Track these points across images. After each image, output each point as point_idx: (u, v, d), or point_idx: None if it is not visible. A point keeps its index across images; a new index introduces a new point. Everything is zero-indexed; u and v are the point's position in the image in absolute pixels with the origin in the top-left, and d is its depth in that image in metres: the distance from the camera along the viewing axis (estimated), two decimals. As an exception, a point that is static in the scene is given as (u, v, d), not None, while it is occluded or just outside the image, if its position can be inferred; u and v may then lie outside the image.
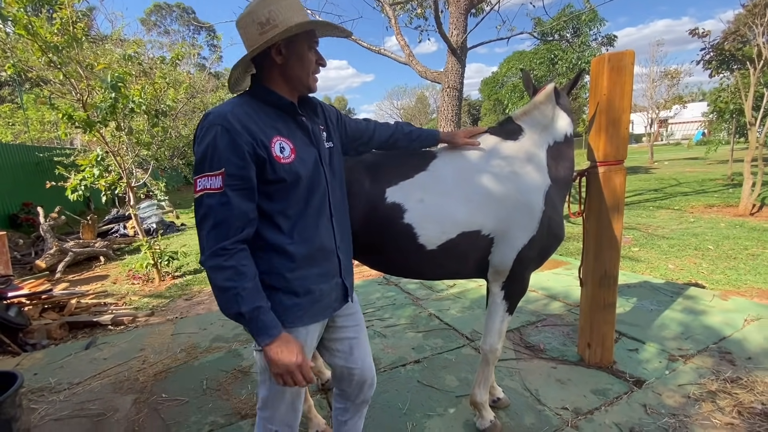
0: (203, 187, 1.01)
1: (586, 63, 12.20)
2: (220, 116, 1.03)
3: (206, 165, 1.01)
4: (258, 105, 1.12)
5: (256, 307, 1.01)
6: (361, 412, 1.48)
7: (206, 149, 1.01)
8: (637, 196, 9.85)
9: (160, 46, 25.85)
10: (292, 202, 1.11)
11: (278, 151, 1.07)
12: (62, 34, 4.30)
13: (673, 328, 2.81)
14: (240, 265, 1.01)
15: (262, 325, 1.02)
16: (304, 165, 1.13)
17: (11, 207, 8.71)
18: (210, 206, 1.00)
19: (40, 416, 2.29)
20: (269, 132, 1.08)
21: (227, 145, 1.00)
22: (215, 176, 1.00)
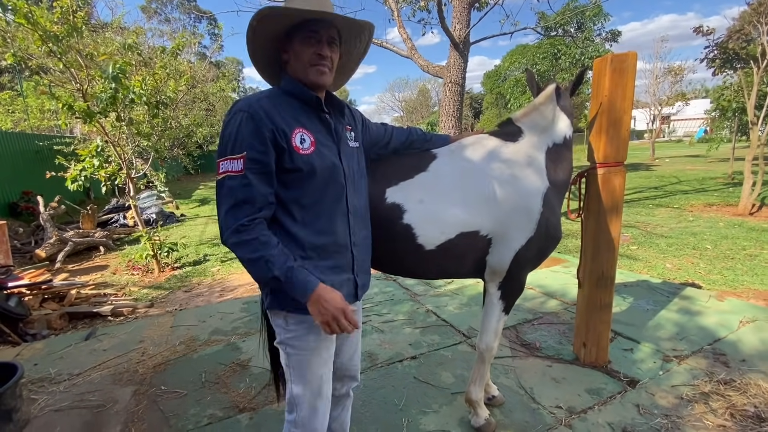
0: (225, 170, 1.06)
1: (589, 59, 12.10)
2: (246, 104, 1.09)
3: (229, 148, 1.07)
4: (285, 98, 1.17)
5: (288, 268, 1.05)
6: (344, 404, 1.51)
7: (230, 134, 1.07)
8: (637, 193, 9.85)
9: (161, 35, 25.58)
10: (307, 192, 1.15)
11: (298, 141, 1.12)
12: (62, 23, 4.27)
13: (669, 329, 2.83)
14: (261, 235, 1.06)
15: (298, 281, 1.06)
16: (321, 158, 1.16)
17: (11, 195, 8.70)
18: (231, 187, 1.05)
19: (40, 407, 2.31)
20: (292, 123, 1.13)
21: (251, 131, 1.06)
22: (237, 159, 1.05)
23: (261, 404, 2.24)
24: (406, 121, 44.91)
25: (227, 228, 1.06)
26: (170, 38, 23.54)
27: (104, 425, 2.16)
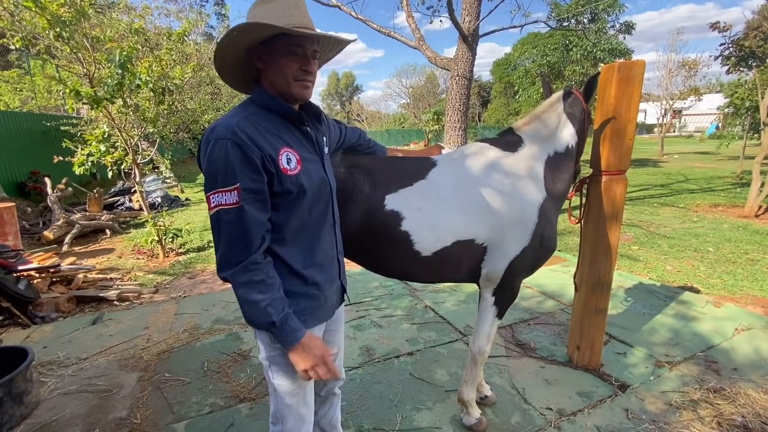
0: (218, 203, 1.01)
1: (601, 51, 11.87)
2: (227, 130, 1.01)
3: (219, 180, 1.01)
4: (262, 113, 1.11)
5: (285, 315, 1.05)
6: (331, 402, 1.53)
7: (217, 164, 1.01)
8: (643, 191, 9.78)
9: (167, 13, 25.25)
10: (297, 212, 1.13)
11: (285, 162, 1.08)
12: (69, 6, 4.25)
13: (663, 334, 2.87)
14: (268, 277, 1.04)
15: (290, 330, 1.06)
16: (308, 176, 1.14)
17: (19, 175, 8.80)
18: (228, 221, 1.01)
19: (50, 390, 2.41)
20: (276, 143, 1.08)
21: (240, 159, 1.00)
22: (230, 191, 1.00)
23: (261, 395, 2.32)
24: (414, 109, 44.44)
25: (232, 263, 1.01)
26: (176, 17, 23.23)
27: (111, 410, 2.25)
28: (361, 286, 3.86)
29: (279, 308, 1.05)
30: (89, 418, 2.17)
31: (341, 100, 57.06)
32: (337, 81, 57.98)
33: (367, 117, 47.83)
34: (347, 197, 1.63)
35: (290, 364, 1.17)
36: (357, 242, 1.68)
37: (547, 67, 13.25)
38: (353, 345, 2.83)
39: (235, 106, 1.15)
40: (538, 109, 1.85)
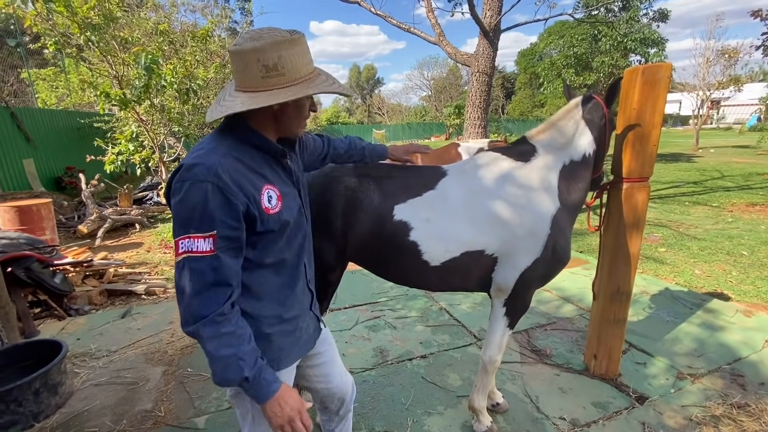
0: (188, 250, 0.92)
1: (632, 41, 11.33)
2: (209, 171, 0.93)
3: (193, 225, 0.92)
4: (243, 148, 1.03)
5: (259, 368, 0.98)
6: (347, 418, 1.53)
7: (193, 208, 0.92)
8: (674, 188, 9.37)
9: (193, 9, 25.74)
10: (276, 247, 1.09)
11: (267, 201, 1.03)
12: (98, 11, 4.41)
13: (687, 344, 2.77)
14: (238, 328, 0.97)
15: (266, 383, 0.99)
16: (289, 211, 1.10)
17: (56, 170, 9.27)
18: (198, 270, 0.92)
19: (82, 380, 2.56)
20: (258, 182, 1.02)
21: (220, 205, 0.92)
22: (204, 238, 0.92)
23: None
24: (435, 101, 43.90)
25: (197, 317, 0.93)
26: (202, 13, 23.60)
27: (137, 402, 2.38)
28: (376, 286, 3.88)
29: (251, 361, 0.97)
30: (117, 409, 2.30)
31: (362, 94, 56.97)
32: (358, 74, 57.89)
33: (388, 110, 47.62)
34: (357, 206, 1.65)
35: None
36: (367, 250, 1.70)
37: (574, 58, 12.80)
38: (367, 346, 2.87)
39: (208, 136, 1.06)
40: (554, 116, 1.81)
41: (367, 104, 52.19)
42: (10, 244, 3.42)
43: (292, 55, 0.98)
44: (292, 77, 0.99)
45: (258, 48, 0.95)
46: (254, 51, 0.95)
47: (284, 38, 0.96)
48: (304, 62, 1.01)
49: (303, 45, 1.01)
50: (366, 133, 33.83)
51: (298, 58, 0.99)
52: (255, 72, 0.97)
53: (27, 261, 3.37)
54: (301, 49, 1.00)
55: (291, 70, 0.98)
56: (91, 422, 2.18)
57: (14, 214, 4.76)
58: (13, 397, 2.02)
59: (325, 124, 34.31)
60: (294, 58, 0.98)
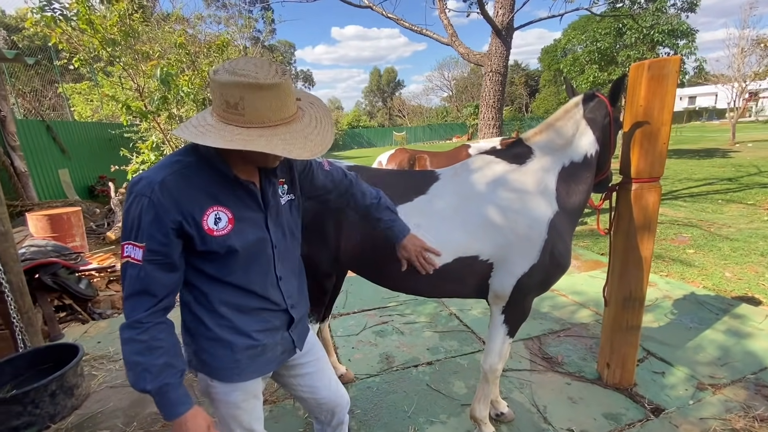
0: (128, 254, 0.98)
1: (659, 33, 10.84)
2: (149, 186, 0.97)
3: (132, 234, 0.98)
4: (201, 167, 1.04)
5: (163, 384, 0.97)
6: (340, 429, 1.50)
7: (132, 219, 0.98)
8: (707, 186, 8.89)
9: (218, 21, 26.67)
10: (228, 268, 1.09)
11: (212, 223, 1.03)
12: (120, 26, 4.63)
13: (710, 352, 2.61)
14: (153, 340, 0.98)
15: (170, 403, 0.99)
16: (242, 236, 1.08)
17: (90, 179, 9.78)
18: (131, 276, 0.98)
19: (99, 383, 2.67)
20: (204, 203, 1.03)
21: (151, 220, 0.97)
22: (138, 248, 0.97)
23: (281, 398, 2.41)
24: (456, 102, 43.52)
25: (125, 318, 0.99)
26: (226, 24, 24.38)
27: (148, 404, 2.45)
28: (386, 290, 3.85)
29: (157, 376, 0.97)
30: (129, 411, 2.38)
31: (383, 97, 57.19)
32: (379, 77, 58.16)
33: (409, 112, 47.57)
34: (349, 213, 1.65)
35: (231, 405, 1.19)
36: (360, 257, 1.70)
37: (598, 53, 12.38)
38: (373, 351, 2.86)
39: (175, 151, 1.09)
40: (552, 116, 1.75)
41: (388, 107, 52.33)
42: (38, 252, 3.62)
43: (255, 98, 0.93)
44: (251, 120, 0.95)
45: (223, 83, 0.93)
46: (219, 84, 0.94)
47: (249, 82, 0.91)
48: (271, 108, 0.95)
49: (275, 91, 0.94)
50: (386, 136, 33.93)
51: (262, 103, 0.94)
52: (219, 103, 0.96)
53: (53, 267, 3.55)
54: (270, 94, 0.94)
55: (251, 113, 0.94)
56: (103, 424, 2.27)
57: (46, 223, 5.03)
58: (30, 399, 2.12)
59: (346, 128, 34.67)
60: (257, 102, 0.94)
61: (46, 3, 4.29)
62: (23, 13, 18.93)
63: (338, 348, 2.91)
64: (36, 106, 11.13)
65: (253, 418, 1.25)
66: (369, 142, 33.79)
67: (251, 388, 1.22)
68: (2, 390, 2.33)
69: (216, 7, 34.71)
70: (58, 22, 4.21)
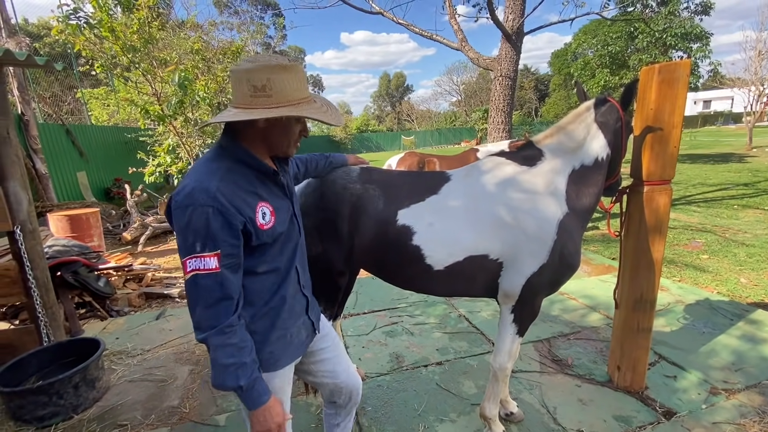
0: (195, 268, 1.00)
1: (672, 36, 10.75)
2: (208, 196, 1.01)
3: (198, 246, 1.00)
4: (237, 168, 1.11)
5: (253, 379, 1.07)
6: (351, 413, 1.59)
7: (197, 231, 1.00)
8: (722, 191, 8.75)
9: (230, 27, 27.16)
10: (269, 257, 1.17)
11: (261, 218, 1.10)
12: (140, 34, 4.78)
13: (724, 357, 2.59)
14: (241, 341, 1.06)
15: (257, 394, 1.08)
16: (282, 224, 1.18)
17: (106, 181, 10.02)
18: (206, 286, 1.01)
19: (118, 376, 2.75)
20: (252, 201, 1.10)
21: (221, 226, 1.01)
22: (210, 257, 1.00)
23: (294, 394, 2.43)
24: (465, 106, 43.49)
25: (207, 327, 1.02)
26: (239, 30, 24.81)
27: (165, 398, 2.52)
28: (396, 291, 3.90)
29: (248, 372, 1.06)
30: (148, 405, 2.46)
31: (391, 101, 57.44)
32: (388, 82, 58.45)
33: (417, 117, 47.69)
34: (363, 212, 1.70)
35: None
36: (373, 255, 1.74)
37: (609, 57, 12.31)
38: (383, 351, 2.89)
39: (203, 157, 1.13)
40: (563, 120, 1.78)
41: (397, 111, 52.53)
42: (60, 250, 3.74)
43: (280, 79, 1.04)
44: (279, 100, 1.04)
45: (249, 69, 1.03)
46: (246, 72, 1.04)
47: (275, 64, 1.03)
48: (293, 88, 1.06)
49: (295, 73, 1.06)
50: (395, 140, 34.04)
51: (286, 84, 1.05)
52: (245, 90, 1.04)
53: (75, 265, 3.67)
54: (291, 76, 1.06)
55: (278, 92, 1.04)
56: (123, 416, 2.34)
57: (66, 223, 5.19)
58: (56, 390, 2.21)
59: (355, 132, 34.88)
60: (282, 83, 1.04)
61: (72, 12, 4.46)
62: (45, 22, 19.55)
63: (349, 347, 2.95)
64: (55, 110, 11.46)
65: (287, 404, 1.33)
66: (377, 146, 33.94)
67: (288, 372, 1.30)
68: (28, 381, 2.42)
69: (228, 13, 35.41)
70: (82, 30, 4.38)
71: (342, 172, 1.80)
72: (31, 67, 2.74)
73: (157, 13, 5.11)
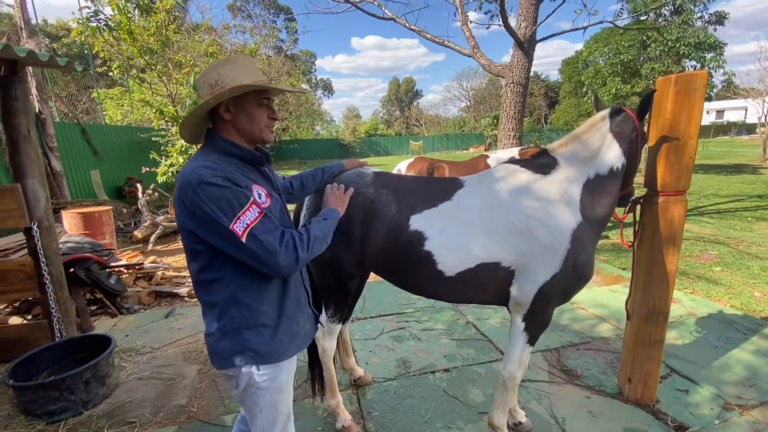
0: (246, 224, 1.08)
1: (685, 45, 10.66)
2: (211, 173, 1.09)
3: (235, 208, 1.08)
4: (226, 159, 1.18)
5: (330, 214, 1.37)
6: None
7: (222, 199, 1.07)
8: (735, 202, 8.63)
9: (243, 31, 27.53)
10: None
11: (258, 197, 1.17)
12: (157, 36, 4.87)
13: (737, 372, 2.54)
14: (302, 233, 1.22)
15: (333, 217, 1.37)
16: (276, 209, 1.26)
17: (118, 180, 10.17)
18: (267, 229, 1.11)
19: (127, 374, 2.78)
20: (248, 182, 1.18)
21: (237, 185, 1.10)
22: (249, 209, 1.09)
23: (299, 397, 2.46)
24: (474, 112, 43.48)
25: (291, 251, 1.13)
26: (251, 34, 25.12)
27: (173, 396, 2.54)
28: (403, 296, 3.90)
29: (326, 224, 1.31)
30: (156, 403, 2.48)
31: (401, 106, 57.60)
32: (398, 87, 58.66)
33: (426, 122, 47.75)
34: (375, 216, 1.71)
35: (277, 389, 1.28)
36: (384, 260, 1.75)
37: (621, 65, 12.23)
38: (390, 356, 2.88)
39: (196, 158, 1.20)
40: (578, 129, 1.78)
41: (405, 116, 52.66)
42: (74, 247, 3.80)
43: (229, 71, 1.18)
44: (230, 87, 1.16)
45: (204, 74, 1.22)
46: (202, 77, 1.22)
47: (221, 60, 1.22)
48: (242, 74, 1.18)
49: (242, 63, 1.22)
50: (403, 144, 34.10)
51: (236, 73, 1.18)
52: (205, 92, 1.20)
53: (87, 263, 3.72)
54: (238, 66, 1.20)
55: (229, 82, 1.16)
56: (132, 413, 2.36)
57: (79, 220, 5.27)
58: (67, 386, 2.23)
59: (363, 136, 35.02)
60: (231, 74, 1.18)
61: (93, 14, 4.57)
62: (63, 23, 19.97)
63: (356, 351, 2.95)
64: (71, 109, 11.67)
65: (290, 401, 1.37)
66: (386, 151, 34.01)
67: (292, 367, 1.33)
68: (40, 375, 2.46)
69: (241, 17, 35.91)
70: (101, 32, 4.48)
71: (355, 176, 1.81)
72: (52, 67, 2.81)
73: (174, 16, 5.20)
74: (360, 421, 2.23)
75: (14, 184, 2.55)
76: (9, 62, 2.50)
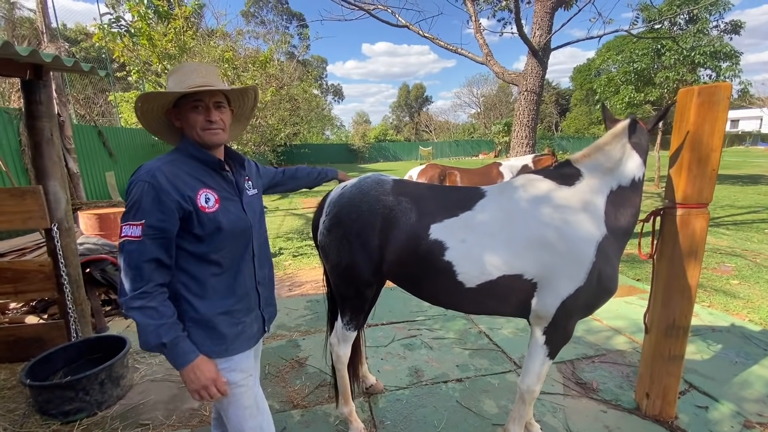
0: (126, 234, 1.13)
1: (701, 54, 10.53)
2: (149, 173, 1.16)
3: (131, 215, 1.14)
4: (185, 160, 1.27)
5: (175, 337, 1.15)
6: None
7: (133, 201, 1.14)
8: (752, 214, 8.46)
9: (256, 36, 27.89)
10: (217, 246, 1.26)
11: (203, 201, 1.22)
12: (175, 42, 4.96)
13: (758, 388, 2.47)
14: (161, 305, 1.15)
15: (182, 351, 1.16)
16: (227, 214, 1.28)
17: (132, 182, 10.32)
18: (129, 251, 1.12)
19: (141, 375, 2.80)
20: (196, 186, 1.23)
21: (151, 200, 1.13)
22: (136, 226, 1.12)
23: (312, 403, 2.46)
24: (484, 119, 43.39)
25: (129, 291, 1.11)
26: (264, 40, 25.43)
27: (186, 399, 2.55)
28: (415, 304, 3.88)
29: (170, 331, 1.14)
30: (169, 405, 2.49)
31: (410, 112, 57.75)
32: (407, 93, 58.86)
33: (435, 128, 47.78)
34: (394, 224, 1.70)
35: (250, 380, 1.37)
36: (402, 268, 1.74)
37: (634, 74, 12.12)
38: (402, 364, 2.87)
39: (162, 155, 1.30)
40: (600, 140, 1.76)
41: (415, 122, 52.77)
42: (90, 248, 3.86)
43: (171, 80, 1.31)
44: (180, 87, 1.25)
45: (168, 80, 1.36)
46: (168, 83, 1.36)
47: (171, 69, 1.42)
48: (181, 82, 1.25)
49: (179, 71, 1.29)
50: (413, 150, 34.13)
51: (173, 82, 1.29)
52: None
53: (103, 263, 3.77)
54: (177, 75, 1.28)
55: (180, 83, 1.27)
56: (145, 415, 2.37)
57: (95, 221, 5.35)
58: (82, 386, 2.26)
59: (373, 141, 35.13)
60: (171, 83, 1.30)
61: (114, 20, 4.67)
62: (82, 27, 20.46)
63: (368, 358, 2.93)
64: (88, 111, 11.91)
65: (258, 396, 1.43)
66: (395, 156, 34.06)
67: (245, 366, 1.37)
68: (56, 375, 2.49)
69: (255, 23, 36.44)
70: (122, 37, 4.57)
71: (374, 183, 1.82)
72: (76, 72, 2.86)
73: (191, 22, 5.29)
74: (372, 429, 2.22)
75: (36, 185, 2.61)
76: (34, 67, 2.56)
